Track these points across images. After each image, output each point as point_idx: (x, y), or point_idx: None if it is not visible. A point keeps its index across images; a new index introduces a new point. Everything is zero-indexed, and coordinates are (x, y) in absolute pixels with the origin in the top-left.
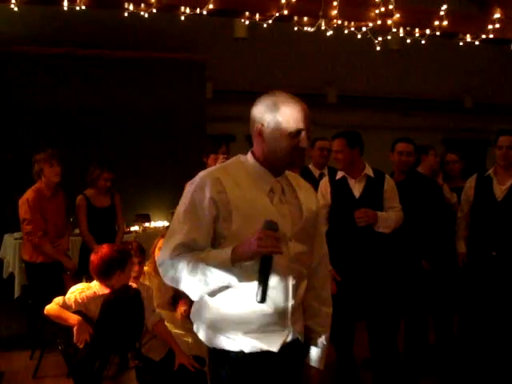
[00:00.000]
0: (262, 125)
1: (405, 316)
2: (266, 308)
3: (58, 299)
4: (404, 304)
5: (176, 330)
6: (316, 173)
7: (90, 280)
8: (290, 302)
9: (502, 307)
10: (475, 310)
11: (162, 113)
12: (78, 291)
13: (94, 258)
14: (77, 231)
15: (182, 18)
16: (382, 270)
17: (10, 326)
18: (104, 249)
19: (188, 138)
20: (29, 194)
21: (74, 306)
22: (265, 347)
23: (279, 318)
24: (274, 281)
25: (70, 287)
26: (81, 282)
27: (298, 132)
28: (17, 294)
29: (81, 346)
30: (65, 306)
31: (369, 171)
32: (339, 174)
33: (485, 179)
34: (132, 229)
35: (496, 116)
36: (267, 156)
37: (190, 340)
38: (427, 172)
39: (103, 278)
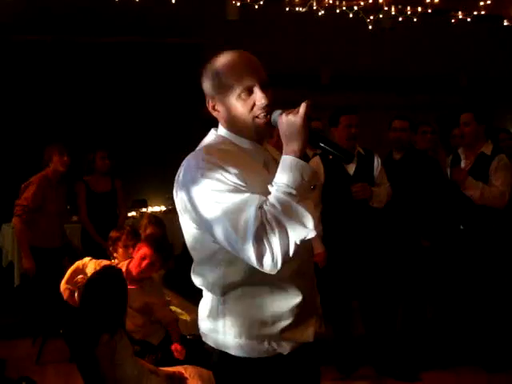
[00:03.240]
0: (213, 98)
1: (403, 295)
2: (298, 297)
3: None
4: (402, 283)
5: (173, 308)
6: (309, 153)
7: None
8: (315, 282)
9: (475, 280)
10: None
11: (157, 98)
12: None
13: None
14: (75, 218)
15: (173, 0)
16: (378, 248)
17: (11, 315)
18: None
19: (183, 123)
20: (35, 178)
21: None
22: (301, 339)
23: (310, 304)
24: (297, 261)
25: None
26: None
27: (248, 90)
28: (16, 282)
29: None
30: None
31: (360, 149)
32: None
33: (456, 157)
34: (129, 214)
35: (492, 93)
36: (238, 130)
37: (188, 319)
38: None
39: None
